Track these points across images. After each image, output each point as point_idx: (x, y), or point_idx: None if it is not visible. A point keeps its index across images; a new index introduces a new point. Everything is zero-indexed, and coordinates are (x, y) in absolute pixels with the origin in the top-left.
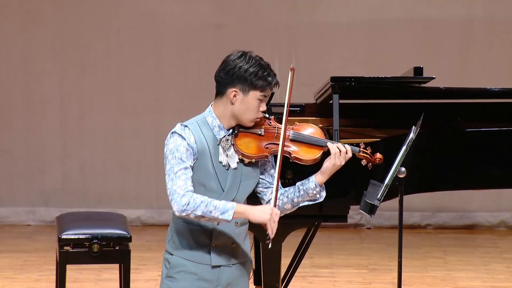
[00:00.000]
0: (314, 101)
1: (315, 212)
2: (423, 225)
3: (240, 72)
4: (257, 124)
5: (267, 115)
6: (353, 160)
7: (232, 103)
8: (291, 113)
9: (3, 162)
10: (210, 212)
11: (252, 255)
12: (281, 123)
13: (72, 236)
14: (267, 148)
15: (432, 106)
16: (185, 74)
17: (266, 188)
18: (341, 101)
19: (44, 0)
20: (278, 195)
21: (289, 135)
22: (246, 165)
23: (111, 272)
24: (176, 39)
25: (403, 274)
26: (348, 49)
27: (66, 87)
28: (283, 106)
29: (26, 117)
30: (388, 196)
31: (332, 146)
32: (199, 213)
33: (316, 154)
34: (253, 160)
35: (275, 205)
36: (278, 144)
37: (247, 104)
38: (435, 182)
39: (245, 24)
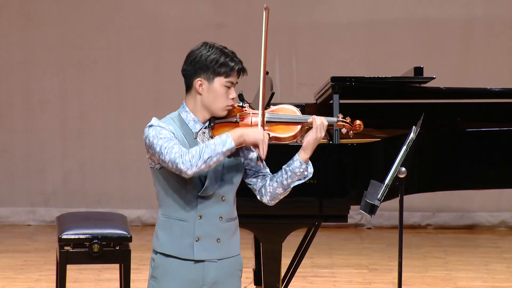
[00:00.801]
0: (315, 101)
1: (316, 212)
2: (423, 225)
3: (201, 61)
4: (231, 112)
5: (240, 103)
6: (354, 160)
7: (200, 94)
8: None
9: (3, 162)
10: (213, 150)
11: (252, 255)
12: (254, 110)
13: (73, 236)
14: None
15: (432, 106)
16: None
17: (256, 177)
18: (341, 101)
19: (44, 0)
20: (269, 183)
21: (265, 115)
22: (227, 156)
23: (111, 272)
24: (176, 39)
25: (403, 274)
26: (348, 49)
27: (66, 87)
28: (283, 104)
29: (26, 117)
30: (388, 196)
31: (314, 120)
32: (206, 155)
33: (294, 130)
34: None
35: (263, 129)
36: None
37: (214, 92)
38: (435, 182)
39: (245, 24)
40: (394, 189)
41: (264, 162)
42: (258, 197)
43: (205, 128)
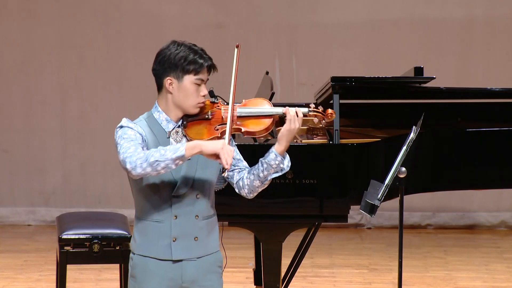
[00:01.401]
0: (315, 101)
1: (316, 212)
2: (423, 225)
3: (170, 60)
4: (204, 109)
5: (212, 99)
6: (354, 160)
7: (170, 92)
8: None
9: (3, 162)
10: (163, 155)
11: (252, 255)
12: (226, 105)
13: (73, 236)
14: (217, 129)
15: (432, 106)
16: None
17: (232, 171)
18: (341, 101)
19: (44, 0)
20: (246, 175)
21: (236, 113)
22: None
23: (112, 272)
24: (176, 39)
25: (403, 274)
26: (349, 49)
27: (66, 87)
28: (281, 106)
29: (26, 117)
30: (388, 196)
31: (287, 111)
32: (152, 159)
33: (267, 123)
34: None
35: (228, 142)
36: (227, 124)
37: (184, 90)
38: (435, 182)
39: (245, 24)
40: (394, 189)
41: (242, 161)
42: (237, 191)
43: (178, 127)
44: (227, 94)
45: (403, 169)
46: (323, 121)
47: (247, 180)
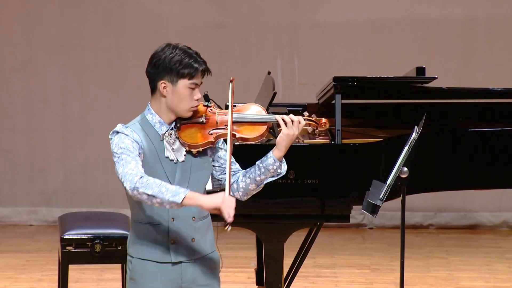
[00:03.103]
0: (317, 101)
1: (317, 212)
2: (425, 225)
3: (165, 63)
4: (197, 113)
5: (206, 103)
6: (356, 160)
7: (164, 96)
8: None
9: (4, 162)
10: (162, 192)
11: (254, 255)
12: (220, 109)
13: (74, 236)
14: (211, 134)
15: (434, 106)
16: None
17: (225, 174)
18: (343, 101)
19: (46, 0)
20: (241, 178)
21: (231, 119)
22: (195, 156)
23: (113, 272)
24: (178, 39)
25: (405, 274)
26: (350, 49)
27: (68, 87)
28: (283, 106)
29: (28, 117)
30: (390, 196)
31: (279, 118)
32: (150, 192)
33: (261, 130)
34: (200, 149)
35: (228, 193)
36: (222, 129)
37: (178, 94)
38: (437, 182)
39: (247, 24)
40: (396, 189)
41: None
42: (231, 193)
43: (171, 129)
44: (226, 95)
45: (405, 169)
46: (317, 130)
47: (242, 183)
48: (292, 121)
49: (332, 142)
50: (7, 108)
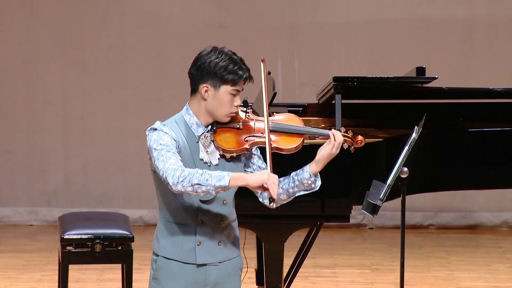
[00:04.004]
0: (317, 101)
1: (318, 212)
2: (425, 225)
3: (210, 67)
4: (235, 118)
5: (244, 109)
6: (356, 160)
7: (205, 99)
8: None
9: (5, 162)
10: (207, 180)
11: (254, 255)
12: (257, 115)
13: (75, 236)
14: (247, 141)
15: (434, 106)
16: (187, 74)
17: None
18: (343, 101)
19: (46, 0)
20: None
21: (269, 126)
22: (228, 160)
23: (114, 272)
24: (178, 39)
25: (405, 274)
26: (350, 49)
27: (68, 87)
28: (283, 106)
29: (28, 117)
30: (390, 196)
31: (331, 135)
32: (195, 181)
33: (297, 142)
34: (234, 155)
35: (271, 171)
36: (258, 137)
37: (219, 99)
38: (437, 182)
39: (247, 24)
40: (396, 189)
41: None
42: (260, 199)
43: (208, 132)
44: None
45: (405, 169)
46: (352, 147)
47: None
48: (335, 140)
49: None
50: (8, 108)
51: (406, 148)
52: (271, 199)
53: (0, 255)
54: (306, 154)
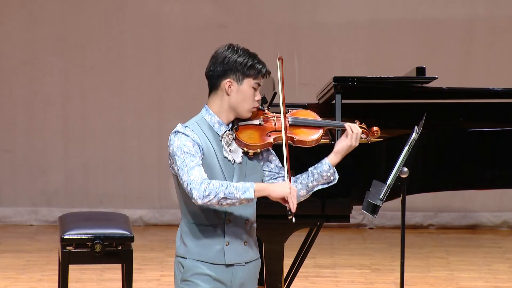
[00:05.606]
0: (317, 101)
1: (318, 212)
2: (425, 225)
3: (231, 63)
4: (254, 115)
5: (261, 107)
6: (356, 160)
7: (228, 94)
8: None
9: (5, 162)
10: (232, 193)
11: None
12: (275, 113)
13: (75, 236)
14: (270, 136)
15: (434, 106)
16: (187, 74)
17: (275, 178)
18: (343, 101)
19: (46, 0)
20: (292, 183)
21: (288, 121)
22: (249, 159)
23: (114, 272)
24: (178, 39)
25: (405, 274)
26: (350, 49)
27: (69, 87)
28: (286, 106)
29: (28, 117)
30: (390, 196)
31: (348, 127)
32: (221, 195)
33: (317, 134)
34: (258, 150)
35: (291, 184)
36: (280, 131)
37: (243, 93)
38: (437, 182)
39: (247, 24)
40: (396, 189)
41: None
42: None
43: (229, 130)
44: None
45: (405, 169)
46: (368, 138)
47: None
48: (353, 132)
49: (332, 142)
50: (8, 108)
51: (406, 148)
52: (290, 212)
53: (0, 255)
54: (308, 155)
